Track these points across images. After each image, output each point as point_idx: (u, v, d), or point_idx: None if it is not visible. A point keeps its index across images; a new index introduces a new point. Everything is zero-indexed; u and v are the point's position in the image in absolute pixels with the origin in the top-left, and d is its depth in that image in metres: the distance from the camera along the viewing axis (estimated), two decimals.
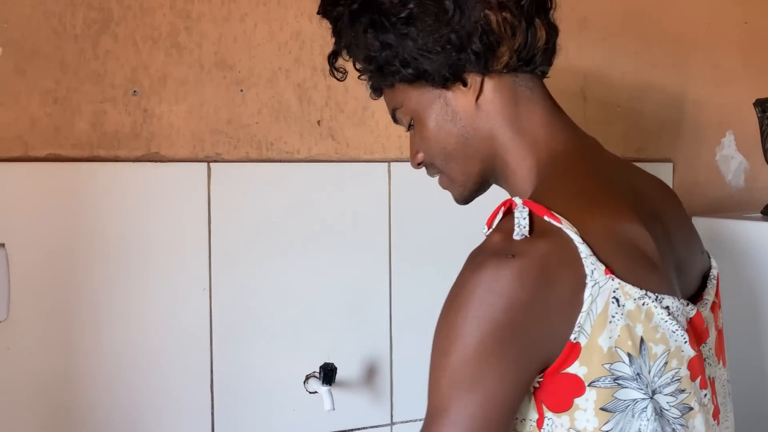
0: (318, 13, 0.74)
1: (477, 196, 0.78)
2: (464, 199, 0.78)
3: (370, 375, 1.21)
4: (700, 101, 1.48)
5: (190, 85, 1.09)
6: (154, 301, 1.07)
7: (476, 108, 0.69)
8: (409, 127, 0.76)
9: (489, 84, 0.69)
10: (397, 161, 1.22)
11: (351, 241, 1.18)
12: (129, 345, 1.06)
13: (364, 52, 0.71)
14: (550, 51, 0.71)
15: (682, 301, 0.62)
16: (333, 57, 0.76)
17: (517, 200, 0.62)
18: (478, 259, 0.60)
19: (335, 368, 1.05)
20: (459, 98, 0.70)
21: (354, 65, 0.76)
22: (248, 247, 1.12)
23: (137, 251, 1.06)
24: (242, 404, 1.13)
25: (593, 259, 0.58)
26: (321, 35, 1.16)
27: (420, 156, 0.77)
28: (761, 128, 1.35)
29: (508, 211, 0.63)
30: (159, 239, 1.07)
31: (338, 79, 0.78)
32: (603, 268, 0.58)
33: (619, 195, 0.66)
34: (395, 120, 0.77)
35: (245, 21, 1.12)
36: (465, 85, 0.69)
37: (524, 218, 0.59)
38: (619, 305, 0.58)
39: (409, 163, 1.21)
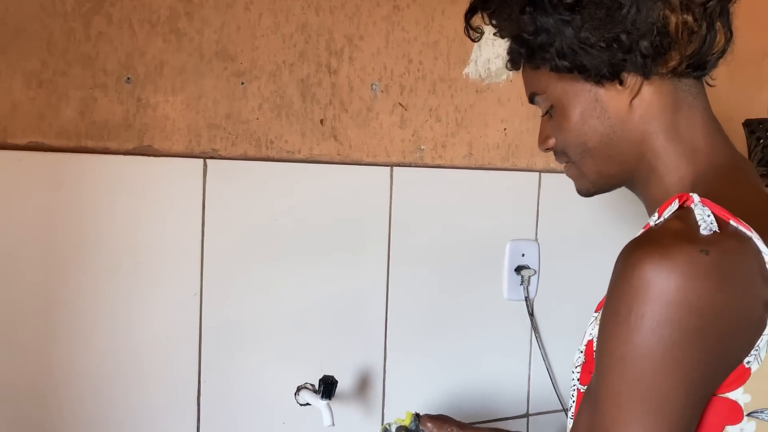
0: None
1: (601, 193, 0.72)
2: (589, 194, 0.72)
3: (362, 386, 1.16)
4: None
5: (188, 75, 1.01)
6: (141, 306, 0.99)
7: (629, 109, 0.64)
8: (546, 112, 0.69)
9: (648, 87, 0.63)
10: (399, 166, 1.17)
11: (349, 247, 1.13)
12: (111, 353, 0.98)
13: (516, 30, 0.64)
14: (723, 54, 0.65)
15: None
16: (470, 14, 0.68)
17: (694, 196, 0.55)
18: (660, 246, 0.52)
19: (336, 381, 1.00)
20: (612, 96, 0.64)
21: (490, 22, 0.68)
22: (242, 250, 1.06)
23: (124, 251, 0.98)
24: (230, 415, 1.06)
25: None
26: (327, 29, 1.11)
27: (551, 142, 0.70)
28: (749, 148, 1.38)
29: (681, 206, 0.56)
30: (149, 239, 0.99)
31: (473, 40, 0.69)
32: None
33: None
34: (531, 101, 0.70)
35: (250, 10, 1.05)
36: (622, 84, 0.63)
37: (708, 215, 0.53)
38: None
39: (411, 169, 1.19)
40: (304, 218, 1.10)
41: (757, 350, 0.53)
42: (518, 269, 1.28)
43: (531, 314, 1.29)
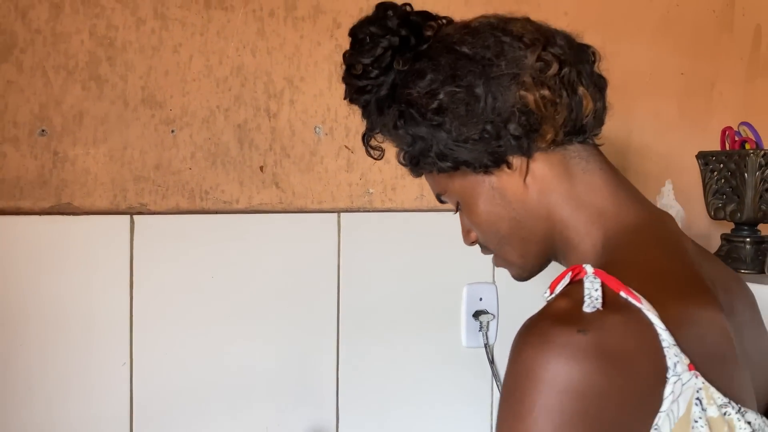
0: (345, 99, 0.68)
1: (537, 273, 0.71)
2: (523, 279, 0.71)
3: None
4: (642, 150, 1.48)
5: (111, 125, 0.93)
6: (64, 381, 0.89)
7: (525, 189, 0.63)
8: (457, 209, 0.70)
9: (536, 163, 0.63)
10: (347, 211, 1.11)
11: (295, 303, 1.06)
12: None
13: (396, 144, 0.67)
14: (600, 112, 0.64)
15: (764, 419, 0.53)
16: (366, 137, 0.70)
17: (588, 268, 0.54)
18: (540, 330, 0.51)
19: None
20: (505, 181, 0.64)
21: (384, 140, 0.70)
22: (177, 313, 0.97)
23: (43, 321, 0.88)
24: None
25: (677, 350, 0.50)
26: (265, 71, 1.04)
27: (473, 235, 0.71)
28: (704, 181, 1.36)
29: (576, 278, 0.54)
30: (70, 306, 0.90)
31: (375, 158, 0.71)
32: (687, 362, 0.50)
33: (700, 279, 0.58)
34: (441, 201, 0.71)
35: (179, 52, 0.97)
36: (510, 167, 0.63)
37: (596, 289, 0.51)
38: (702, 409, 0.50)
39: (360, 214, 1.12)
40: (244, 274, 1.02)
41: (656, 428, 0.50)
42: (476, 314, 1.22)
43: (491, 362, 1.23)
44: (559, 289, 0.55)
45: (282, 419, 1.04)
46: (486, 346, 1.22)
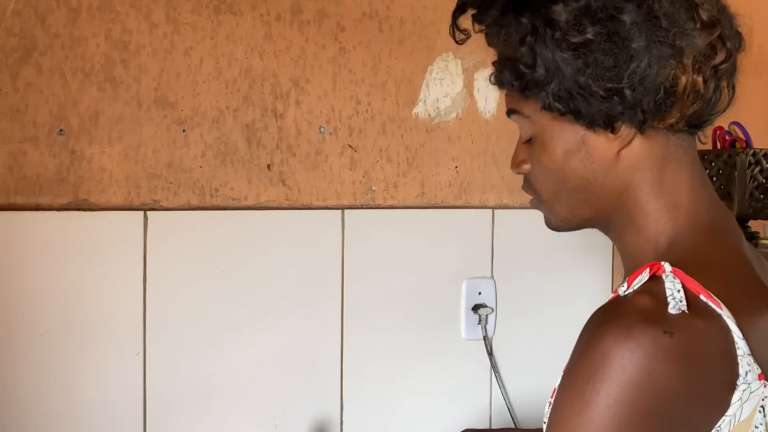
0: None
1: (571, 231, 0.68)
2: (558, 230, 0.68)
3: None
4: None
5: (125, 124, 0.97)
6: (80, 370, 0.94)
7: (616, 158, 0.60)
8: (527, 141, 0.64)
9: (640, 139, 0.59)
10: (351, 208, 1.15)
11: (301, 296, 1.10)
12: (49, 420, 0.92)
13: (511, 56, 0.59)
14: (722, 112, 0.62)
15: None
16: (459, 12, 0.62)
17: (666, 266, 0.53)
18: (624, 323, 0.50)
19: None
20: (600, 142, 0.59)
21: (482, 31, 0.62)
22: (188, 305, 1.01)
23: (60, 313, 0.92)
24: None
25: (750, 359, 0.51)
26: (272, 73, 1.08)
27: (526, 167, 0.65)
28: None
29: (653, 275, 0.53)
30: (86, 298, 0.94)
31: (457, 42, 0.63)
32: (758, 371, 0.51)
33: (762, 284, 0.58)
34: (510, 116, 0.65)
35: (190, 55, 1.02)
36: (614, 132, 0.59)
37: (678, 290, 0.51)
38: (765, 416, 0.52)
39: (363, 211, 1.17)
40: (252, 268, 1.06)
41: (717, 429, 0.51)
42: (475, 308, 1.26)
43: (490, 353, 1.27)
44: (636, 284, 0.54)
45: (288, 408, 1.08)
46: (485, 338, 1.26)
